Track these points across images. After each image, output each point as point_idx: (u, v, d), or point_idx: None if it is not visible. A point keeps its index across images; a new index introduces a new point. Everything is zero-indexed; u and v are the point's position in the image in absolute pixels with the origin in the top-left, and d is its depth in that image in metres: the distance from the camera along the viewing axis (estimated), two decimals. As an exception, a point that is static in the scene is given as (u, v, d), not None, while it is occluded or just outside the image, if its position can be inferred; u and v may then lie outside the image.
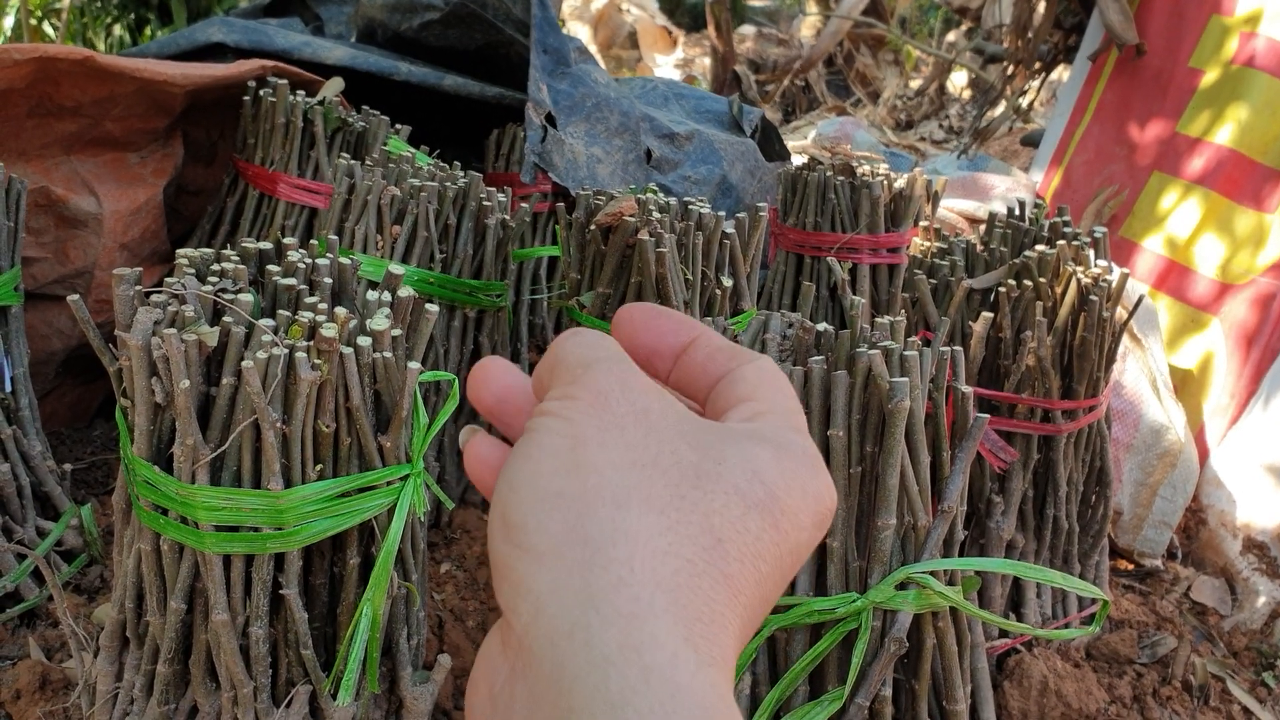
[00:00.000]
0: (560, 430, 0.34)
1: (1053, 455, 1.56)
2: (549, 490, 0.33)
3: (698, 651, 0.30)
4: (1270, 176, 2.20)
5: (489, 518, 0.34)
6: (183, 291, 0.98)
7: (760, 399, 0.37)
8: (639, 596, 0.30)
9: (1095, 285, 1.51)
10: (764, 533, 0.33)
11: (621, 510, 0.32)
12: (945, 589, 1.05)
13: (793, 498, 0.34)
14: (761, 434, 0.35)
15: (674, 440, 0.34)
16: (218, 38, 2.14)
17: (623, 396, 0.35)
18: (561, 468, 0.33)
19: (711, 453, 0.34)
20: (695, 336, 0.40)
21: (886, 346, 1.05)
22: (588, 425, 0.34)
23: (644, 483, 0.32)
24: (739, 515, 0.33)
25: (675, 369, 0.40)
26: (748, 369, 0.38)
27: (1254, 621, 1.80)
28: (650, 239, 1.41)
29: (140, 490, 1.00)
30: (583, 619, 0.29)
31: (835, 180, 1.82)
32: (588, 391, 0.35)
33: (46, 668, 1.34)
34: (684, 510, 0.32)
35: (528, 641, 0.31)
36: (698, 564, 0.31)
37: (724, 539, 0.32)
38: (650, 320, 0.40)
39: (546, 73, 2.12)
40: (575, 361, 0.36)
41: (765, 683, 1.09)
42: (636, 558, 0.31)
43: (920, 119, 5.87)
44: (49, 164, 1.85)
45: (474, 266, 1.69)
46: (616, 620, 0.29)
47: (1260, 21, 2.30)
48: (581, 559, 0.31)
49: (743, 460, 0.34)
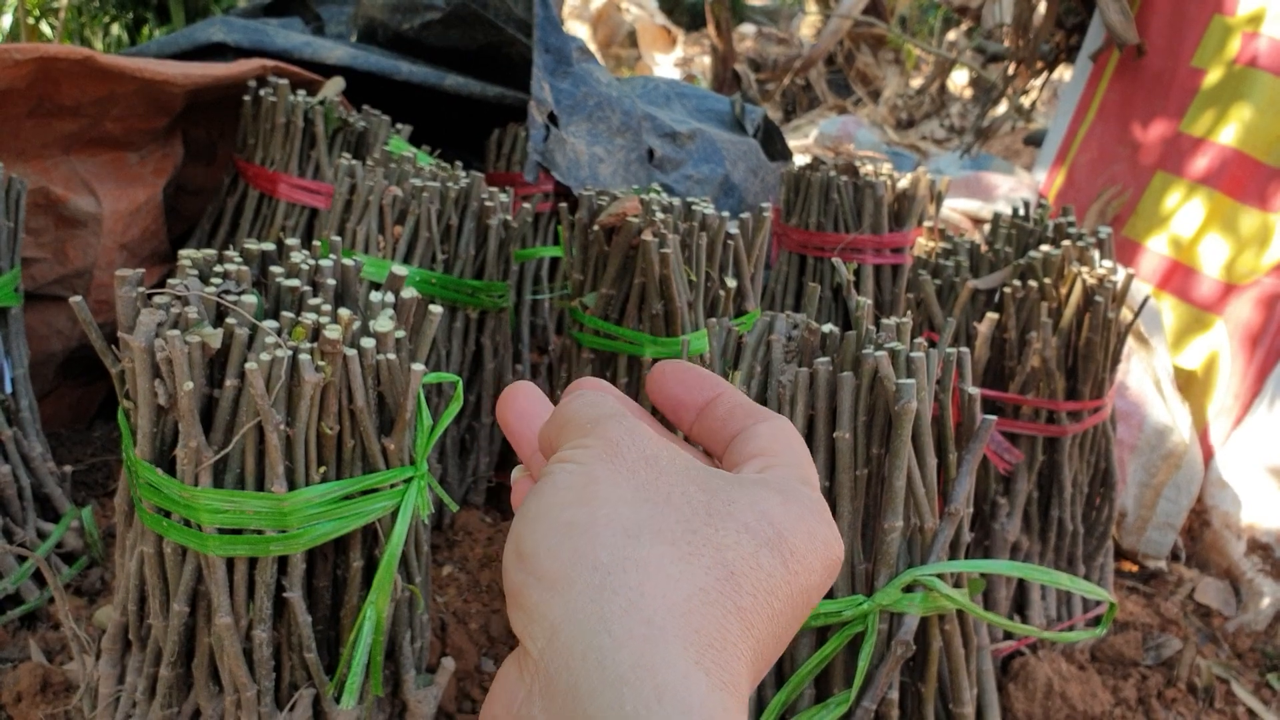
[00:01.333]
0: (574, 471, 0.36)
1: (1057, 457, 1.55)
2: (560, 520, 0.34)
3: (709, 675, 0.30)
4: (1274, 176, 2.20)
5: (505, 551, 0.36)
6: (186, 293, 0.97)
7: (773, 454, 0.39)
8: (651, 620, 0.31)
9: (1100, 286, 1.50)
10: (775, 570, 0.34)
11: (633, 540, 0.33)
12: (952, 591, 1.04)
13: (800, 540, 0.35)
14: (769, 482, 0.37)
15: (684, 483, 0.36)
16: (218, 37, 2.13)
17: (632, 444, 0.37)
18: (574, 500, 0.34)
19: (721, 495, 0.35)
20: (720, 393, 0.42)
21: (893, 348, 1.05)
22: (600, 467, 0.36)
23: (656, 517, 0.34)
24: (751, 551, 0.34)
25: (697, 421, 0.42)
26: (763, 426, 0.40)
27: (1258, 623, 1.80)
28: (654, 240, 1.41)
29: (143, 492, 0.99)
30: (595, 642, 0.30)
31: (838, 180, 1.82)
32: (599, 440, 0.37)
33: (47, 670, 1.33)
34: (696, 544, 0.33)
35: (544, 665, 0.31)
36: (710, 593, 0.32)
37: (736, 573, 0.33)
38: (680, 374, 0.43)
39: (548, 72, 2.11)
40: (585, 418, 0.38)
41: (771, 685, 1.09)
42: (648, 583, 0.31)
43: (921, 118, 5.86)
44: (48, 164, 1.84)
45: (476, 267, 1.68)
46: (629, 642, 0.30)
47: (1263, 22, 2.29)
48: (593, 584, 0.32)
49: (751, 503, 0.35)
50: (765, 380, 1.12)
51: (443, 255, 1.63)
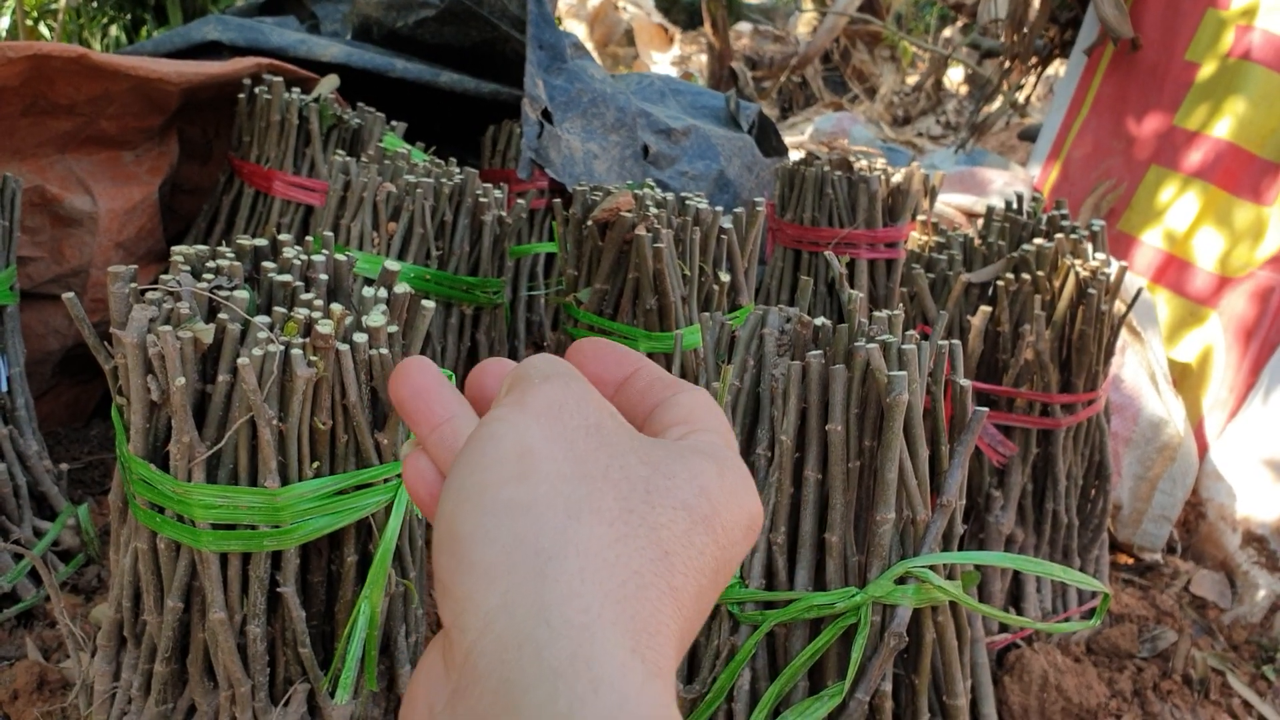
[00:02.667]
0: (508, 437, 0.34)
1: (1052, 449, 1.56)
2: (497, 500, 0.32)
3: (645, 662, 0.30)
4: (1268, 169, 2.20)
5: (435, 531, 0.34)
6: (178, 289, 0.98)
7: (694, 420, 0.38)
8: (589, 608, 0.30)
9: (1093, 278, 1.50)
10: (706, 547, 0.34)
11: (572, 520, 0.32)
12: (944, 583, 1.04)
13: (730, 512, 0.35)
14: (704, 449, 0.36)
15: (625, 455, 0.35)
16: (213, 36, 2.13)
17: (577, 410, 0.35)
18: (509, 476, 0.33)
19: (661, 468, 0.35)
20: (638, 368, 0.41)
21: (884, 340, 1.05)
22: (536, 435, 0.34)
23: (594, 494, 0.33)
24: (685, 530, 0.33)
25: (616, 396, 0.41)
26: (683, 396, 0.40)
27: (1254, 615, 1.80)
28: (648, 234, 1.41)
29: (136, 488, 0.99)
30: (534, 632, 0.29)
31: (833, 175, 1.82)
32: (540, 401, 0.35)
33: (44, 668, 1.34)
34: (632, 524, 0.32)
35: (474, 658, 0.30)
36: (645, 576, 0.32)
37: (671, 552, 0.33)
38: (598, 351, 0.42)
39: (542, 68, 2.11)
40: (536, 375, 0.37)
41: (765, 678, 1.09)
42: (587, 569, 0.31)
43: (917, 114, 5.86)
44: (44, 163, 1.84)
45: (471, 263, 1.68)
46: (567, 631, 0.29)
47: (1256, 15, 2.29)
48: (533, 570, 0.31)
49: (690, 476, 0.35)
50: (758, 374, 1.12)
51: (437, 251, 1.63)
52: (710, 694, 1.09)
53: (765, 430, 1.10)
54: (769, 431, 1.10)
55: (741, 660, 1.07)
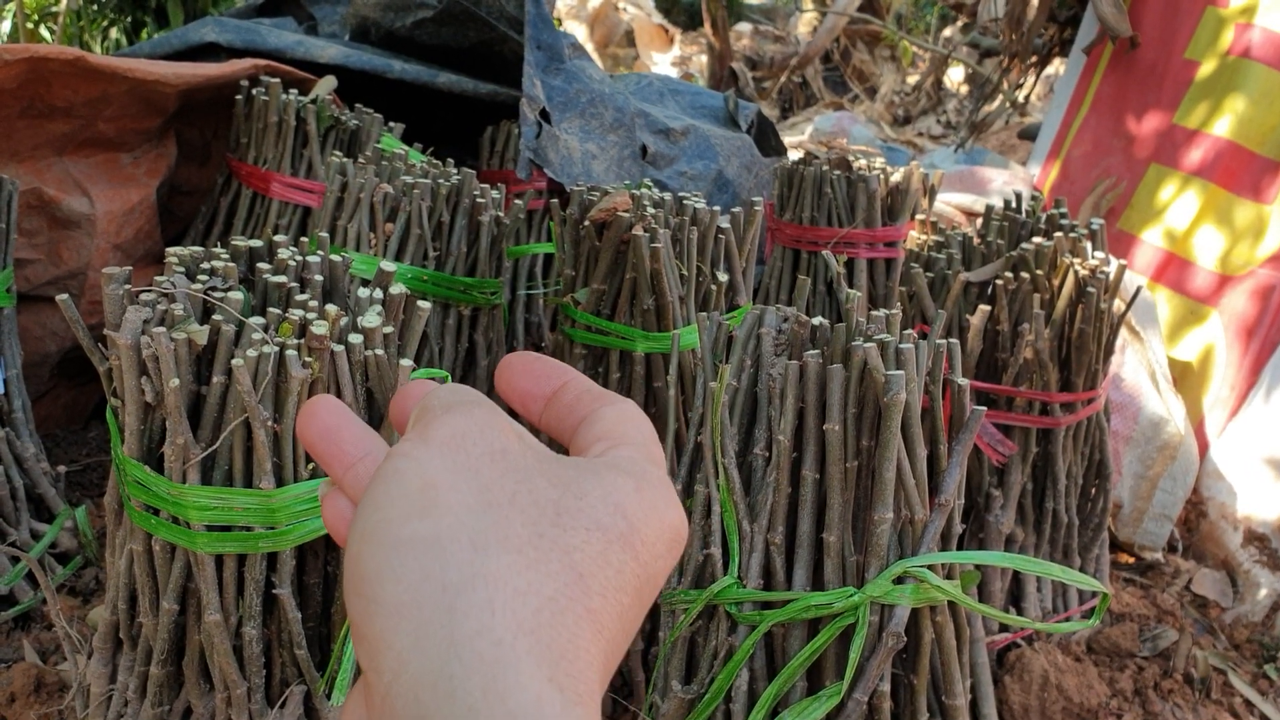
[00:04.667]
0: (409, 472, 0.33)
1: (1051, 448, 1.55)
2: (401, 536, 0.32)
3: (563, 691, 0.29)
4: (1269, 168, 2.20)
5: (344, 574, 0.33)
6: (172, 290, 0.97)
7: (618, 435, 0.38)
8: (501, 640, 0.29)
9: (1093, 277, 1.50)
10: (625, 565, 0.33)
11: (479, 552, 0.31)
12: (943, 583, 1.04)
13: (650, 528, 0.34)
14: (621, 465, 0.36)
15: (533, 479, 0.34)
16: (211, 37, 2.13)
17: (480, 437, 0.35)
18: (413, 512, 0.32)
19: (572, 488, 0.34)
20: (566, 381, 0.41)
21: (882, 339, 1.05)
22: (439, 467, 0.33)
23: (500, 522, 0.32)
24: (600, 550, 0.33)
25: (545, 411, 0.41)
26: (609, 409, 0.39)
27: (1255, 614, 1.80)
28: (645, 234, 1.40)
29: (131, 490, 0.99)
30: (446, 669, 0.29)
31: (832, 175, 1.82)
32: (442, 432, 0.35)
33: (41, 671, 1.33)
34: (543, 549, 0.32)
35: (391, 700, 0.30)
36: (560, 601, 0.31)
37: (586, 574, 0.32)
38: (527, 365, 0.42)
39: (541, 69, 2.11)
40: (437, 405, 0.36)
41: (763, 678, 1.09)
42: (497, 600, 0.30)
43: (918, 114, 5.86)
44: (41, 165, 1.84)
45: (468, 264, 1.68)
46: (480, 667, 0.29)
47: (1256, 13, 2.29)
48: (442, 605, 0.30)
49: (604, 494, 0.34)
50: (755, 374, 1.12)
51: (434, 252, 1.63)
52: (708, 694, 1.09)
53: (763, 430, 1.10)
54: (766, 431, 1.09)
55: (739, 660, 1.07)
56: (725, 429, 1.09)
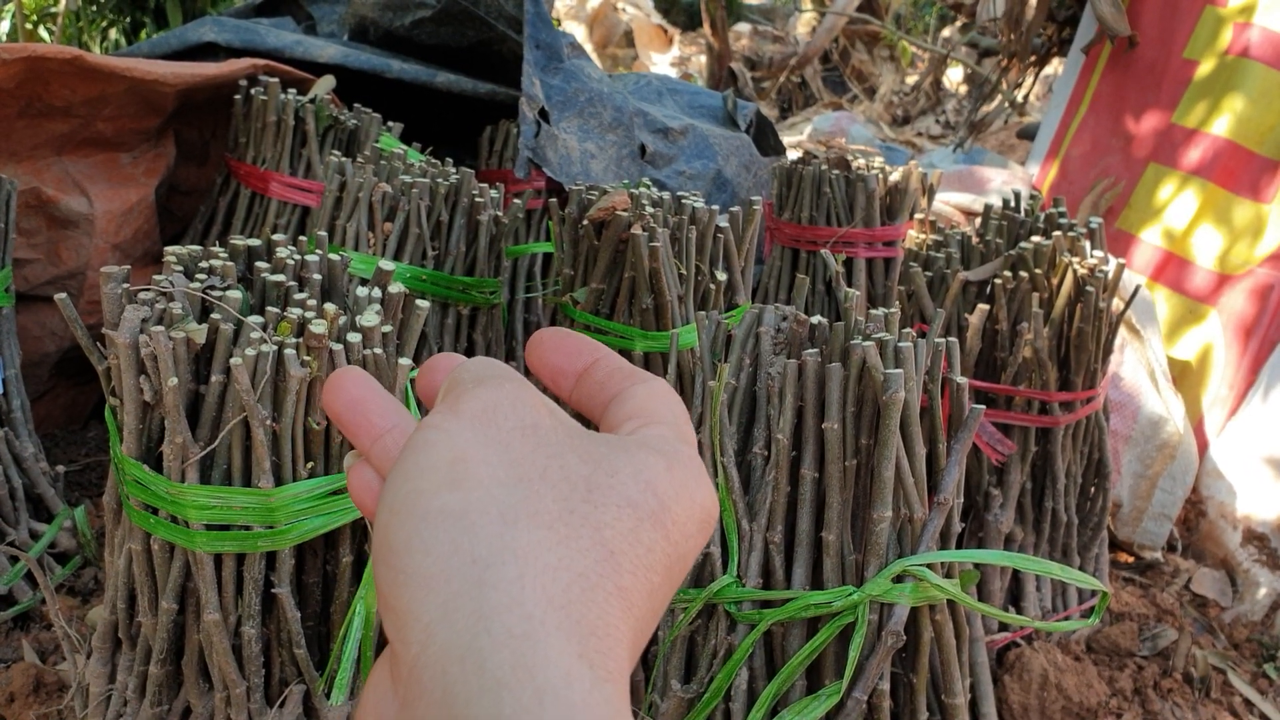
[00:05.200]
0: (440, 444, 0.33)
1: (1050, 447, 1.55)
2: (430, 509, 0.31)
3: (593, 668, 0.29)
4: (1267, 167, 2.20)
5: (373, 545, 0.33)
6: (170, 289, 0.97)
7: (649, 412, 0.37)
8: (531, 615, 0.29)
9: (1091, 276, 1.50)
10: (656, 544, 0.33)
11: (509, 526, 0.31)
12: (942, 581, 1.04)
13: (681, 507, 0.34)
14: (652, 443, 0.35)
15: (564, 454, 0.34)
16: (209, 37, 2.13)
17: (511, 411, 0.34)
18: (442, 484, 0.32)
19: (604, 465, 0.34)
20: (598, 358, 0.41)
21: (881, 338, 1.04)
22: (469, 440, 0.33)
23: (531, 497, 0.32)
24: (631, 527, 0.32)
25: (576, 387, 0.41)
26: (640, 387, 0.39)
27: (1255, 613, 1.80)
28: (643, 234, 1.40)
29: (130, 490, 0.99)
30: (474, 643, 0.29)
31: (830, 174, 1.82)
32: (474, 404, 0.34)
33: (40, 670, 1.33)
34: (574, 524, 0.32)
35: (418, 671, 0.29)
36: (591, 578, 0.31)
37: (616, 551, 0.32)
38: (558, 341, 0.41)
39: (539, 68, 2.11)
40: (469, 379, 0.36)
41: (762, 677, 1.09)
42: (527, 575, 0.30)
43: (917, 114, 5.86)
44: (40, 164, 1.84)
45: (467, 263, 1.68)
46: (509, 641, 0.28)
47: (1255, 12, 2.29)
48: (471, 579, 0.30)
49: (635, 471, 0.34)
50: (754, 372, 1.12)
51: (433, 251, 1.63)
52: (708, 693, 1.09)
53: (762, 429, 1.10)
54: (765, 430, 1.09)
55: (739, 659, 1.07)
56: (724, 428, 1.09)
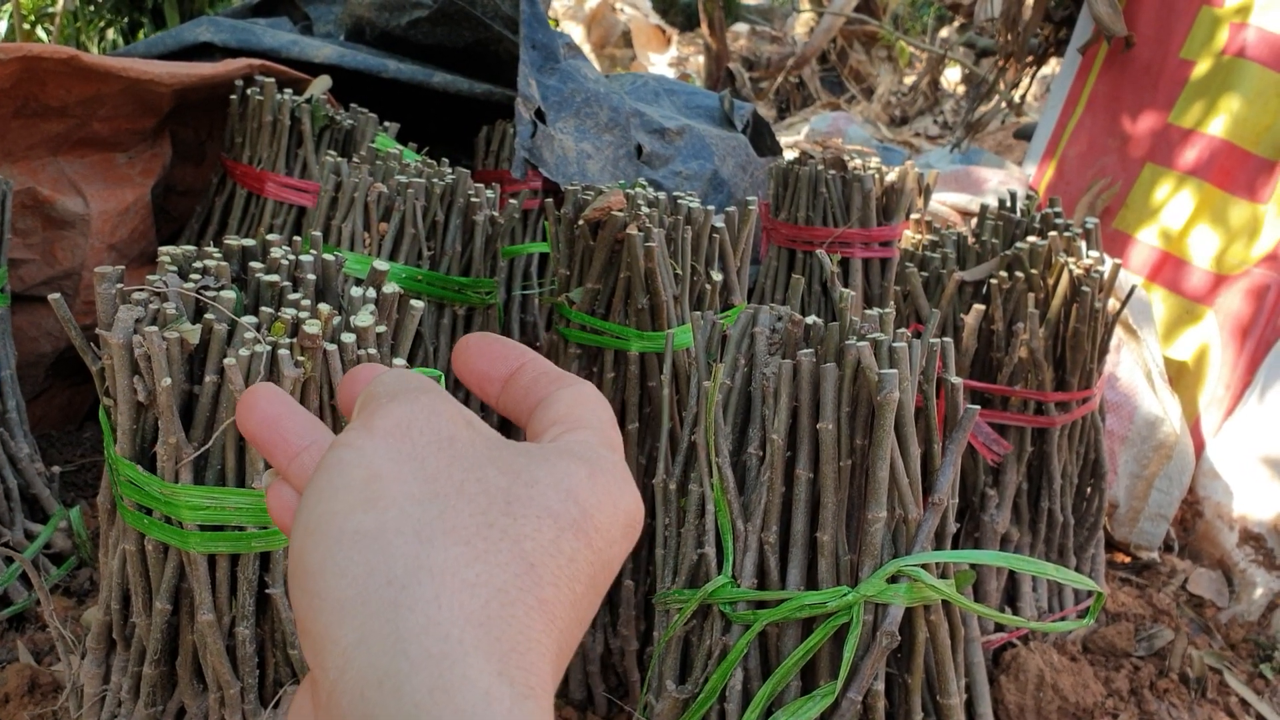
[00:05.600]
0: (353, 463, 0.32)
1: (1046, 448, 1.55)
2: (345, 530, 0.31)
3: (513, 685, 0.29)
4: (1264, 167, 2.20)
5: (288, 569, 0.32)
6: (164, 289, 0.97)
7: (575, 419, 0.37)
8: (449, 635, 0.29)
9: (1087, 276, 1.50)
10: (578, 553, 0.32)
11: (425, 544, 0.30)
12: (937, 582, 1.04)
13: (604, 514, 0.34)
14: (574, 450, 0.35)
15: (482, 467, 0.33)
16: (205, 37, 2.13)
17: (426, 425, 0.34)
18: (356, 504, 0.31)
19: (523, 476, 0.33)
20: (524, 363, 0.40)
21: (875, 338, 1.04)
22: (383, 457, 0.33)
23: (448, 513, 0.31)
24: (552, 538, 0.32)
25: (502, 393, 0.40)
26: (565, 391, 0.38)
27: (1251, 613, 1.80)
28: (639, 234, 1.40)
29: (124, 490, 0.99)
30: (392, 666, 0.28)
31: (827, 174, 1.82)
32: (388, 420, 0.34)
33: (35, 671, 1.33)
34: (492, 539, 0.31)
35: (336, 697, 0.29)
36: (510, 592, 0.30)
37: (537, 564, 0.31)
38: (484, 347, 0.41)
39: (536, 68, 2.11)
40: (383, 393, 0.35)
41: (757, 678, 1.09)
42: (444, 594, 0.29)
43: (914, 114, 5.87)
44: (35, 164, 1.84)
45: (463, 263, 1.68)
46: (427, 663, 0.28)
47: (1250, 12, 2.29)
48: (387, 600, 0.29)
49: (556, 481, 0.33)
50: (749, 373, 1.12)
51: (429, 252, 1.62)
52: (703, 694, 1.09)
53: (757, 429, 1.10)
54: (760, 430, 1.09)
55: (733, 660, 1.07)
56: (719, 428, 1.09)
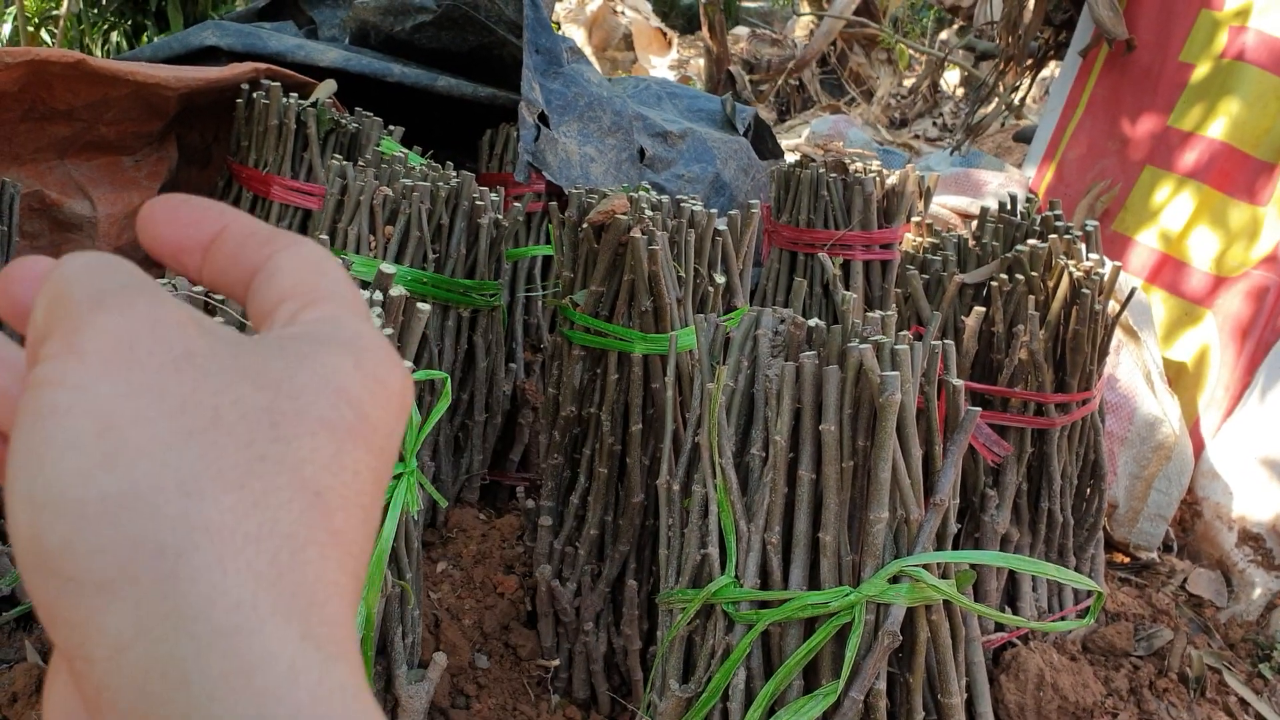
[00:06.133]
0: (74, 409, 0.25)
1: (1046, 449, 1.56)
2: (88, 498, 0.24)
3: (320, 648, 0.25)
4: (1263, 170, 2.21)
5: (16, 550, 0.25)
6: (172, 292, 0.98)
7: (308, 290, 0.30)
8: (240, 602, 0.24)
9: (1087, 278, 1.51)
10: (362, 463, 0.27)
11: (193, 499, 0.25)
12: (938, 582, 1.05)
13: (379, 406, 0.28)
14: (328, 336, 0.29)
15: (234, 385, 0.26)
16: (211, 41, 2.14)
17: (152, 340, 0.26)
18: (94, 463, 0.25)
19: (284, 387, 0.27)
20: (225, 224, 0.32)
21: (878, 341, 1.06)
22: (111, 395, 0.25)
23: (210, 453, 0.25)
24: (332, 454, 0.27)
25: (205, 264, 0.32)
26: (284, 256, 0.31)
27: (1250, 613, 1.81)
28: (643, 237, 1.41)
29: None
30: (176, 650, 0.24)
31: (828, 177, 1.83)
32: (100, 342, 0.26)
33: (43, 671, 1.34)
34: (267, 474, 0.26)
35: (111, 693, 0.24)
36: (299, 535, 0.25)
37: (323, 490, 0.26)
38: (174, 211, 0.33)
39: (539, 72, 2.12)
40: (82, 297, 0.27)
41: (759, 677, 1.10)
42: (226, 555, 0.24)
43: (914, 117, 5.88)
44: (43, 168, 1.85)
45: (467, 266, 1.69)
46: (216, 642, 0.24)
47: (1250, 15, 2.30)
48: (161, 573, 0.24)
49: (321, 382, 0.27)
50: (752, 375, 1.13)
51: (434, 254, 1.64)
52: (705, 693, 1.10)
53: (759, 431, 1.11)
54: (763, 432, 1.10)
55: (736, 659, 1.08)
56: (722, 430, 1.10)
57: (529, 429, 1.85)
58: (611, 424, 1.48)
